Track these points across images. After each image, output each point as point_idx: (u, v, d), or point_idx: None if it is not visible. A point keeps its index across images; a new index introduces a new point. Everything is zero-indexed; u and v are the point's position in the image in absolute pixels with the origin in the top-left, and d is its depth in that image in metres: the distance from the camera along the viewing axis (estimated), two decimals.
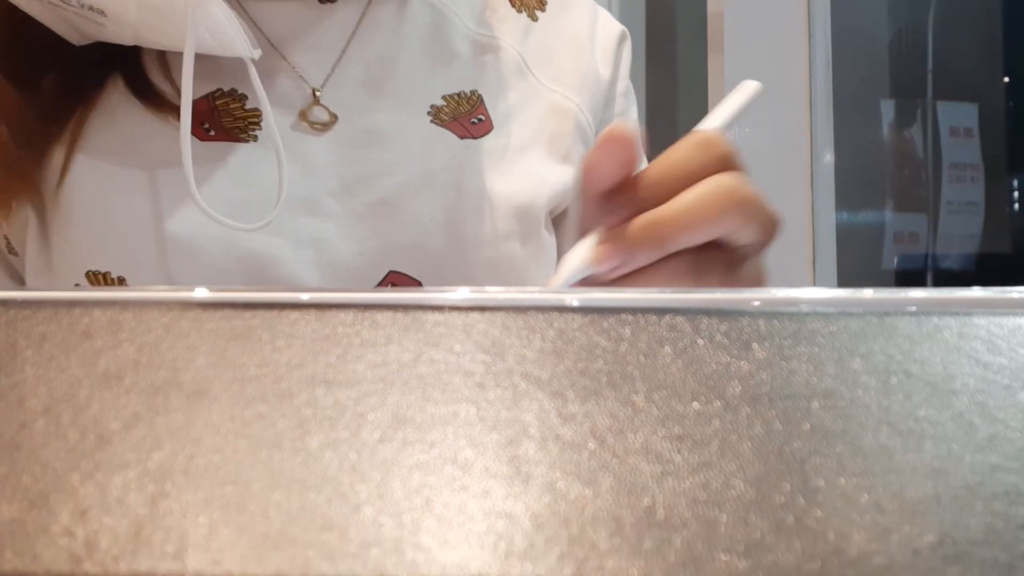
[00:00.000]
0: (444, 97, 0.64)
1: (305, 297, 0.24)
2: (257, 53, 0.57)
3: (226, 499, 0.19)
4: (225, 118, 0.60)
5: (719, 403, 0.22)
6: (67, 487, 0.19)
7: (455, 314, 0.24)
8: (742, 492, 0.19)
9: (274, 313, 0.24)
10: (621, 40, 0.74)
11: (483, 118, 0.65)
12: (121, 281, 0.57)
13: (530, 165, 0.66)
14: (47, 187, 0.57)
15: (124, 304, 0.24)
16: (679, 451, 0.20)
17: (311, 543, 0.18)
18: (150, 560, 0.18)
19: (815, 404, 0.22)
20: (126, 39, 0.56)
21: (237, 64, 0.58)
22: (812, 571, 0.18)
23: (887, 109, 1.96)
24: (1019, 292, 0.25)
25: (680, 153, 0.42)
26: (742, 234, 0.42)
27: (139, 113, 0.58)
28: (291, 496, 0.19)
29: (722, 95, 1.64)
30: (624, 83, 0.75)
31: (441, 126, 0.63)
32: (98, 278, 0.57)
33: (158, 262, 0.56)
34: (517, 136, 0.66)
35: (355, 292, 0.24)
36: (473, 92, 0.65)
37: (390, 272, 0.59)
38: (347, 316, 0.24)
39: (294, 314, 0.24)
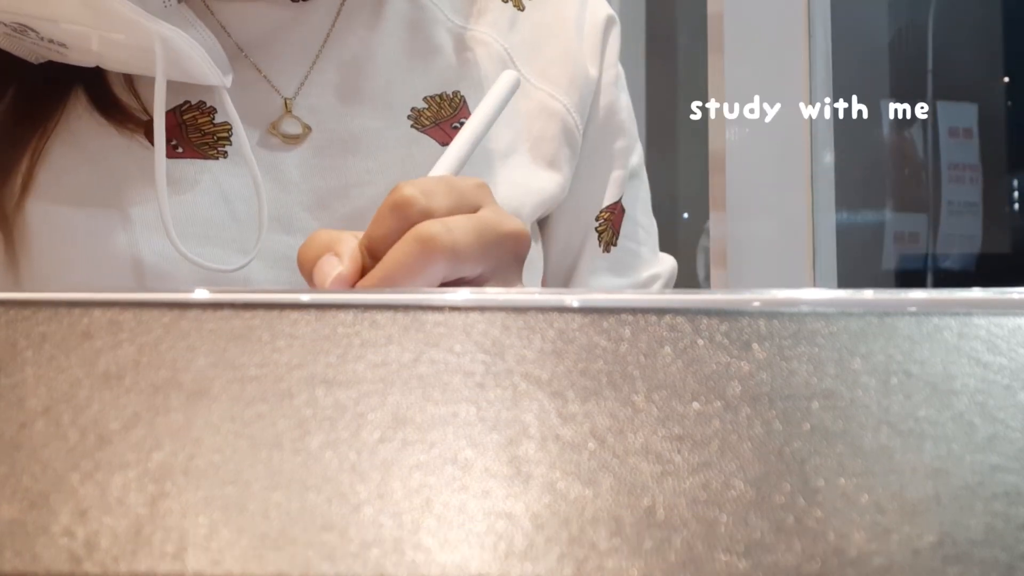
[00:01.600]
0: (426, 99, 0.62)
1: (305, 297, 0.24)
2: (228, 80, 0.55)
3: (226, 499, 0.19)
4: (193, 134, 0.58)
5: (719, 403, 0.22)
6: (67, 487, 0.19)
7: (455, 314, 0.24)
8: (742, 492, 0.19)
9: (274, 313, 0.24)
10: (607, 27, 0.71)
11: (465, 121, 0.63)
12: None
13: (514, 172, 0.64)
14: (8, 207, 0.55)
15: (124, 304, 0.24)
16: (679, 451, 0.20)
17: (311, 543, 0.18)
18: (150, 560, 0.18)
19: (815, 404, 0.22)
20: (89, 64, 0.55)
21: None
22: (812, 571, 0.18)
23: (887, 109, 1.96)
24: (1019, 292, 0.25)
25: (376, 228, 0.43)
26: (463, 269, 0.42)
27: (103, 129, 0.57)
28: (291, 496, 0.19)
29: (722, 95, 1.63)
30: (612, 71, 0.71)
31: (422, 131, 0.61)
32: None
33: (125, 286, 0.54)
34: (501, 140, 0.64)
35: (355, 292, 0.24)
36: (455, 93, 0.63)
37: None
38: (347, 316, 0.24)
39: (294, 314, 0.24)
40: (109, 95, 0.57)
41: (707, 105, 1.52)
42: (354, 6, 0.63)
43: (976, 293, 0.26)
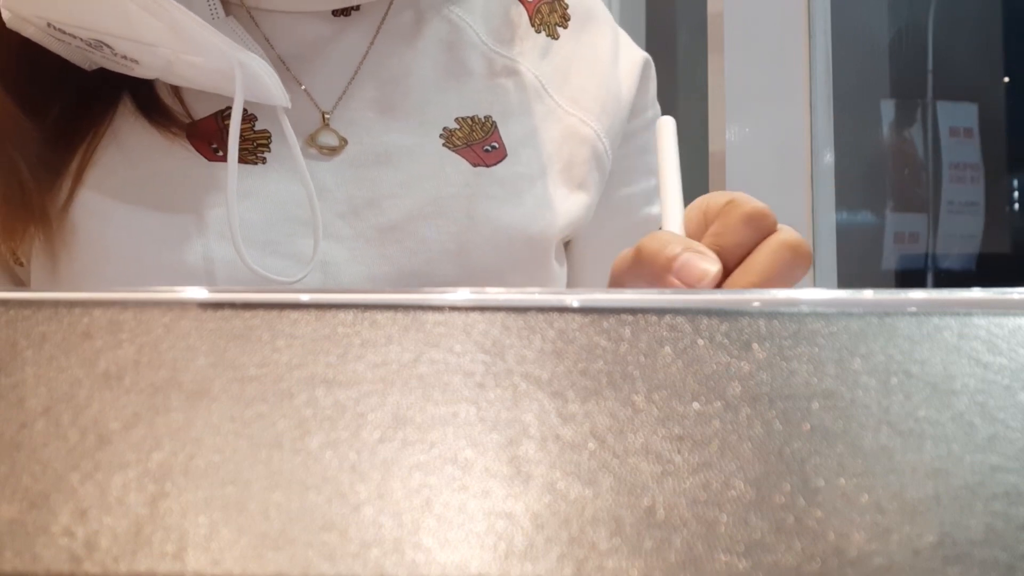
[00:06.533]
0: (458, 120, 0.64)
1: (305, 297, 0.24)
2: (288, 102, 0.57)
3: (226, 499, 0.19)
4: None
5: (719, 403, 0.22)
6: (67, 487, 0.19)
7: (455, 314, 0.24)
8: (742, 492, 0.19)
9: (274, 313, 0.24)
10: (646, 66, 0.74)
11: (496, 145, 0.64)
12: None
13: (543, 193, 0.65)
14: (54, 209, 0.57)
15: (124, 304, 0.24)
16: (679, 451, 0.20)
17: (311, 543, 0.18)
18: (150, 560, 0.18)
19: (815, 404, 0.22)
20: (151, 77, 0.57)
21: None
22: (812, 571, 0.18)
23: (887, 109, 1.96)
24: (1019, 292, 0.25)
25: (730, 237, 0.44)
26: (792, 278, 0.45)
27: (148, 133, 0.58)
28: (291, 496, 0.19)
29: (722, 95, 1.63)
30: (654, 110, 0.75)
31: (454, 151, 0.63)
32: None
33: (165, 285, 0.55)
34: (531, 163, 0.65)
35: (355, 292, 0.24)
36: (487, 118, 0.65)
37: None
38: (347, 316, 0.24)
39: (294, 314, 0.24)
40: (156, 101, 0.59)
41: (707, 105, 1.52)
42: (394, 24, 0.65)
43: (976, 293, 0.26)
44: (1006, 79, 2.11)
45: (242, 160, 0.59)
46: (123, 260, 0.57)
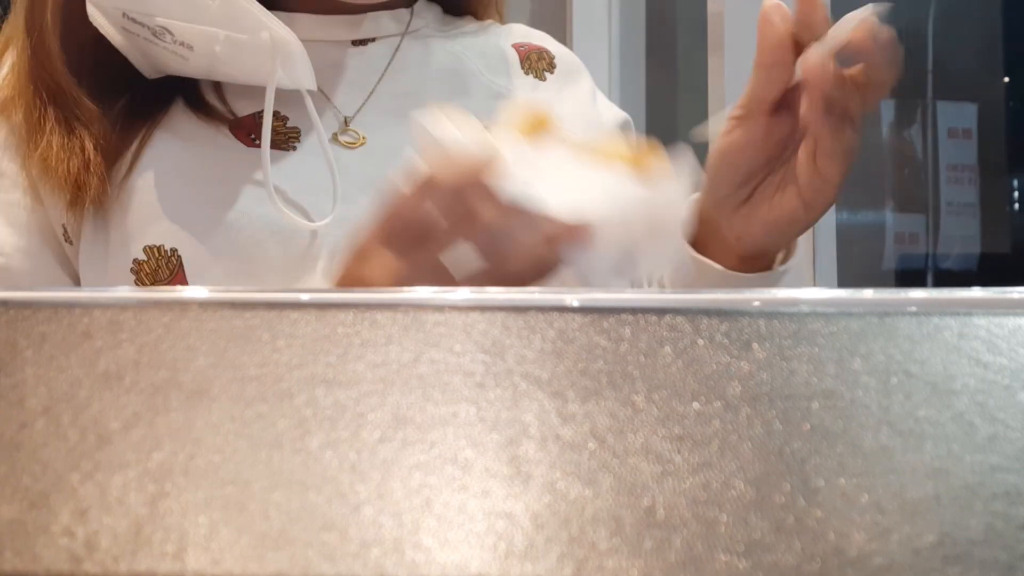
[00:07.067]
0: None
1: (305, 297, 0.24)
2: (315, 84, 0.69)
3: (226, 499, 0.19)
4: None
5: (719, 403, 0.22)
6: (67, 487, 0.19)
7: (455, 314, 0.24)
8: (742, 492, 0.19)
9: (274, 313, 0.24)
10: (626, 123, 0.83)
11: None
12: (174, 252, 0.68)
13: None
14: (112, 183, 0.69)
15: (124, 304, 0.24)
16: (679, 451, 0.20)
17: (311, 543, 0.18)
18: (150, 560, 0.18)
19: (815, 404, 0.22)
20: (199, 73, 0.69)
21: (280, 90, 0.69)
22: (812, 571, 0.18)
23: (887, 109, 1.95)
24: (1019, 292, 0.25)
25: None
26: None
27: (195, 125, 0.71)
28: (291, 496, 0.19)
29: (722, 95, 1.62)
30: None
31: None
32: (153, 251, 0.68)
33: (208, 237, 0.68)
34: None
35: (355, 292, 0.24)
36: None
37: None
38: (347, 316, 0.24)
39: (294, 314, 0.24)
40: (202, 100, 0.72)
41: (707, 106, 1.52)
42: (407, 53, 0.77)
43: (976, 293, 0.26)
44: (1006, 79, 2.11)
45: (275, 147, 0.70)
46: (172, 218, 0.68)
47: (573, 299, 0.24)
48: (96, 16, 0.66)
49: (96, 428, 0.21)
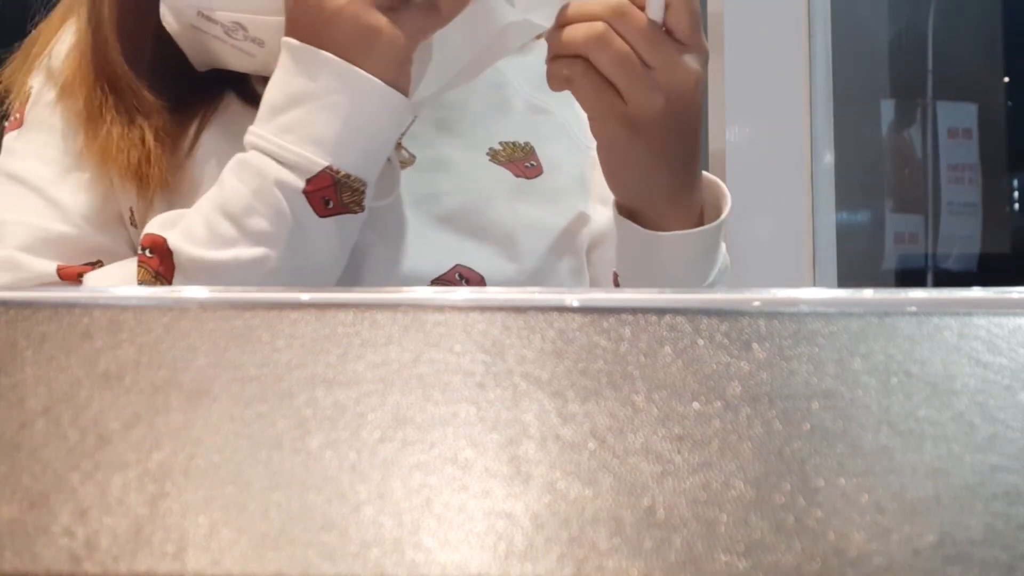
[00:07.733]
0: (501, 143, 0.80)
1: (305, 297, 0.24)
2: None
3: (226, 499, 0.19)
4: None
5: (719, 403, 0.22)
6: (67, 487, 0.19)
7: (455, 314, 0.24)
8: (742, 492, 0.19)
9: (274, 313, 0.24)
10: None
11: (535, 164, 0.79)
12: None
13: (576, 204, 0.80)
14: (176, 160, 0.73)
15: (124, 304, 0.24)
16: (679, 451, 0.20)
17: (311, 543, 0.18)
18: (150, 560, 0.18)
19: (815, 404, 0.22)
20: (258, 69, 0.71)
21: None
22: (812, 571, 0.18)
23: (887, 109, 1.95)
24: (1019, 292, 0.25)
25: None
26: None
27: (247, 116, 0.73)
28: (291, 496, 0.19)
29: (722, 95, 1.63)
30: None
31: (499, 165, 0.78)
32: None
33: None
34: (564, 181, 0.80)
35: (355, 292, 0.24)
36: (527, 144, 0.80)
37: (456, 265, 0.72)
38: (347, 316, 0.24)
39: (294, 314, 0.24)
40: (252, 92, 0.75)
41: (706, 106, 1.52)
42: None
43: (976, 293, 0.26)
44: (1006, 79, 2.11)
45: None
46: None
47: (573, 299, 0.24)
48: (167, 16, 0.69)
49: (96, 428, 0.21)
